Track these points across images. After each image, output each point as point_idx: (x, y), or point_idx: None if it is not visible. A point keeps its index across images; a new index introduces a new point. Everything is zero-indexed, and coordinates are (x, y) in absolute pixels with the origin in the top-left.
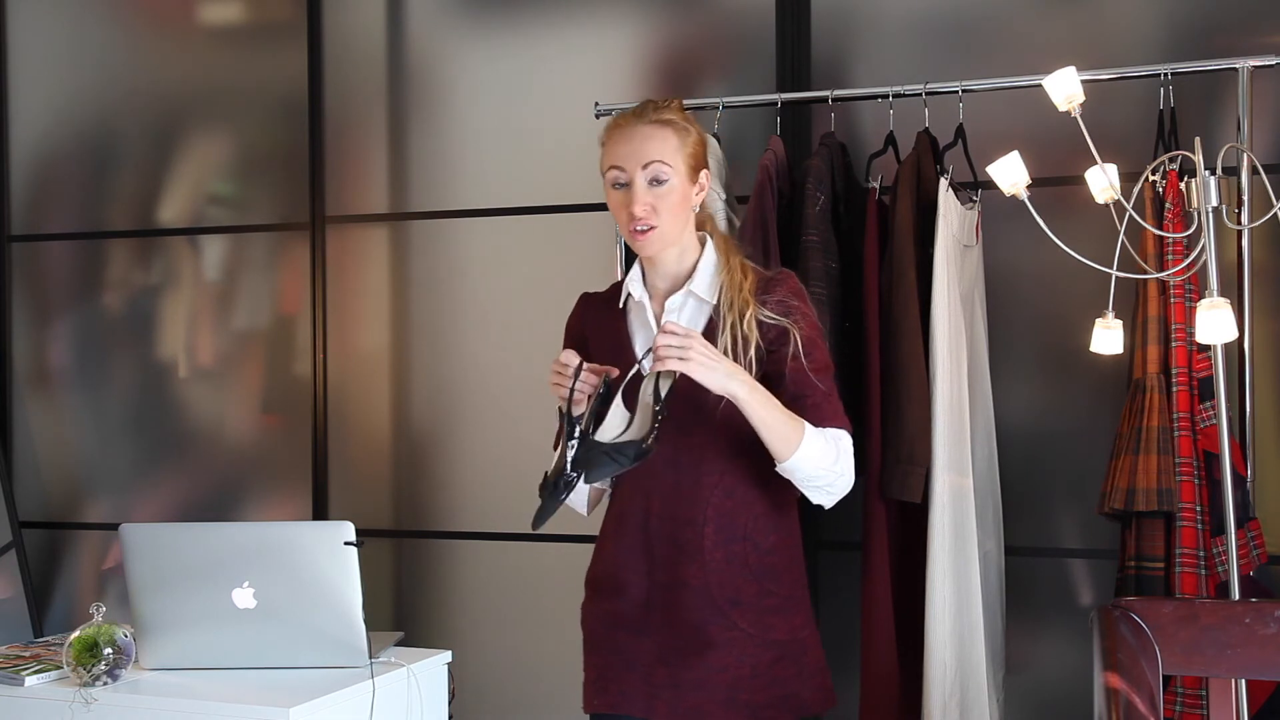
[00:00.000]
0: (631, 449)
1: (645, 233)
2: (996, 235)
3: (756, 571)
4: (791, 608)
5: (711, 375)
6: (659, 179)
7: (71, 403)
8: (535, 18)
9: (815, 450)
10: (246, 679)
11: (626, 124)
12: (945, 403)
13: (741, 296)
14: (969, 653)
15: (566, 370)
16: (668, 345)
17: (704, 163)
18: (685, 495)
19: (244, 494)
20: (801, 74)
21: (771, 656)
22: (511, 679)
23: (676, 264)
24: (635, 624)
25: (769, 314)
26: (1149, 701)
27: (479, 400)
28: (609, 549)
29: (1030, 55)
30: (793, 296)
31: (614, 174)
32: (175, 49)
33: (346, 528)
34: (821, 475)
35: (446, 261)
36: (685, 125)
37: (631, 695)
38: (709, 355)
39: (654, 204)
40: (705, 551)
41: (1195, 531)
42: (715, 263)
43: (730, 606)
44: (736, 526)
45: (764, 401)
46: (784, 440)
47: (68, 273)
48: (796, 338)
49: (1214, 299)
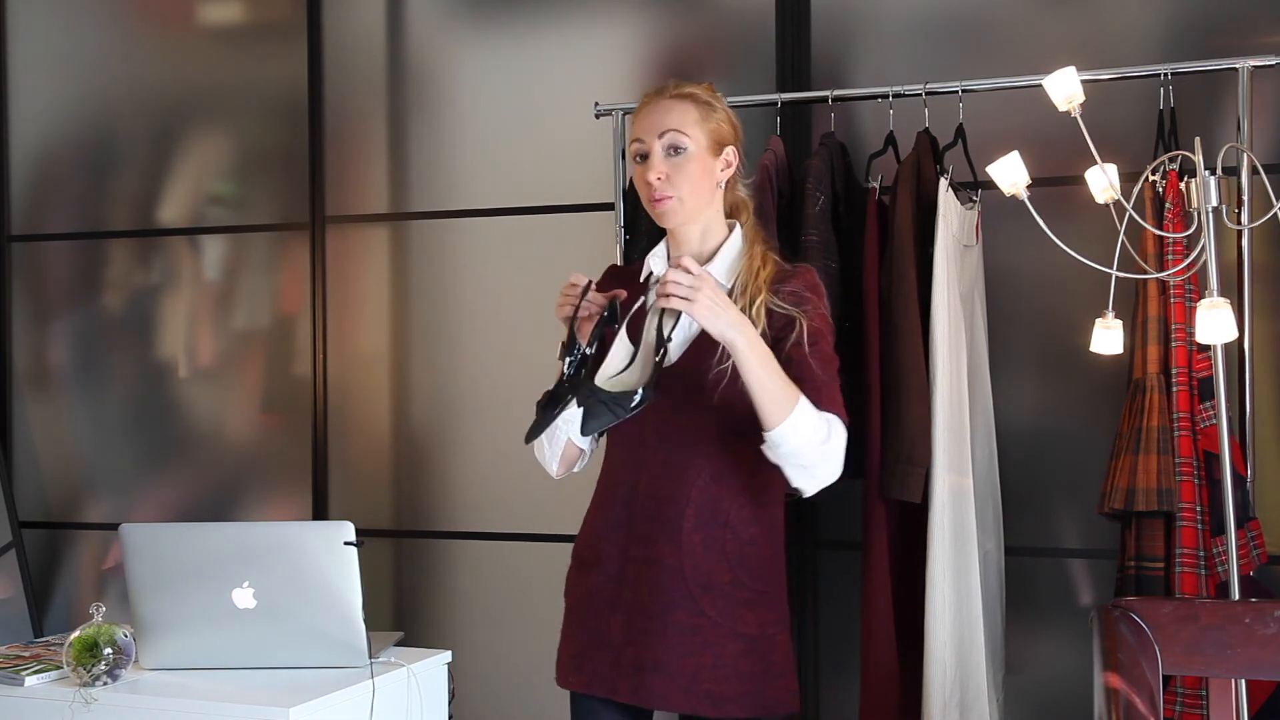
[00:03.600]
0: (629, 400)
1: (662, 201)
2: (996, 235)
3: (733, 560)
4: (764, 603)
5: (714, 320)
6: (676, 147)
7: (71, 403)
8: (535, 18)
9: (807, 424)
10: (246, 679)
11: (650, 99)
12: (945, 403)
13: (756, 283)
14: (969, 653)
15: (574, 291)
16: (676, 282)
17: (731, 141)
18: (673, 474)
19: (244, 494)
20: (801, 74)
21: (737, 649)
22: (511, 679)
23: (699, 243)
24: (609, 599)
25: (780, 303)
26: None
27: (479, 400)
28: (593, 518)
29: (1030, 55)
30: (807, 290)
31: (635, 146)
32: (175, 49)
33: (346, 528)
34: (807, 453)
35: (446, 261)
36: (709, 101)
37: (601, 675)
38: (716, 300)
39: (669, 173)
40: (684, 532)
41: (1195, 531)
42: (739, 249)
43: (700, 591)
44: (719, 512)
45: (763, 358)
46: (776, 403)
47: (68, 273)
48: (803, 326)
49: (1214, 299)
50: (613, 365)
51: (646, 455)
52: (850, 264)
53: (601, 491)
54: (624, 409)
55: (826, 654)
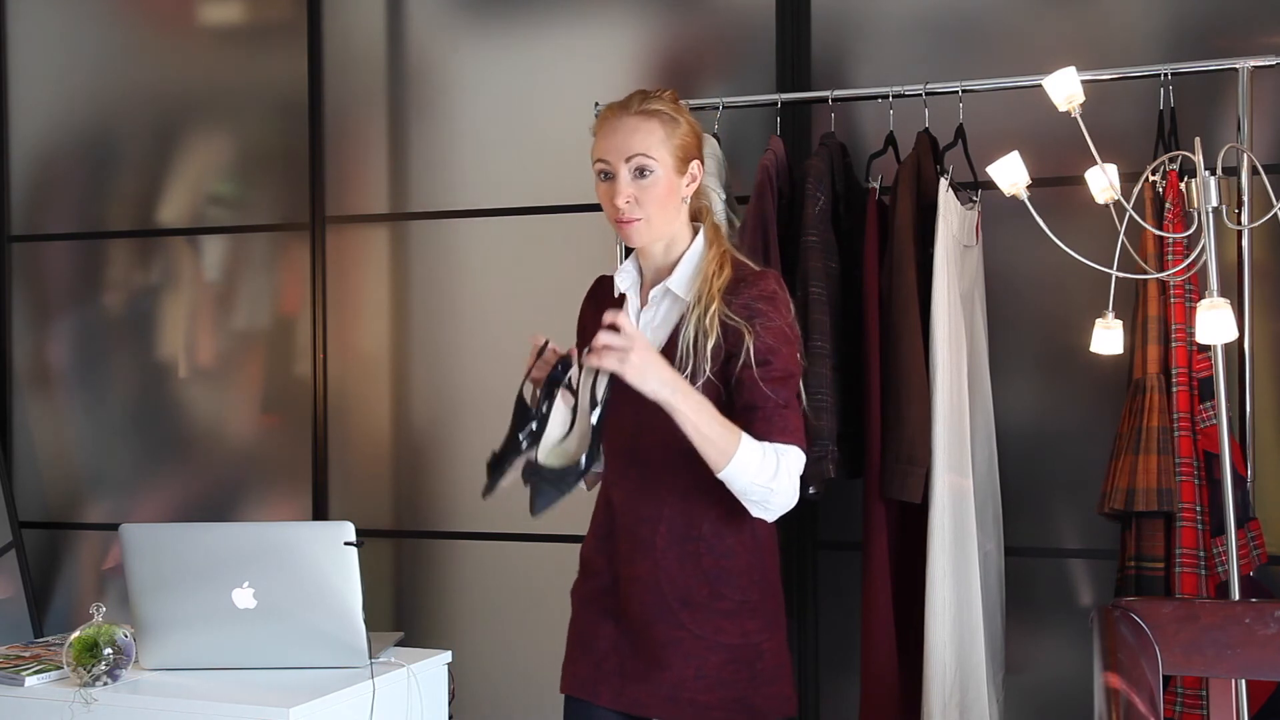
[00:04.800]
0: (573, 474)
1: (629, 223)
2: (996, 235)
3: (710, 573)
4: (745, 612)
5: (645, 382)
6: (643, 170)
7: (71, 403)
8: (535, 18)
9: (751, 463)
10: (246, 679)
11: (613, 115)
12: (945, 403)
13: (709, 292)
14: (969, 653)
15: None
16: (607, 346)
17: (695, 154)
18: (647, 491)
19: (244, 494)
20: (801, 74)
21: (720, 659)
22: (511, 679)
23: (664, 256)
24: (602, 606)
25: (730, 314)
26: (1149, 701)
27: (479, 400)
28: (590, 530)
29: (1030, 55)
30: (761, 300)
31: (599, 166)
32: (175, 49)
33: (346, 528)
34: (756, 490)
35: (446, 261)
36: (673, 115)
37: (586, 680)
38: (647, 360)
39: (637, 195)
40: (658, 550)
41: (1195, 531)
42: (699, 256)
43: (680, 606)
44: (691, 526)
45: (696, 409)
46: (718, 451)
47: (68, 273)
48: (749, 344)
49: (1214, 299)
50: (553, 435)
51: (621, 473)
52: (850, 264)
53: (595, 507)
54: (568, 485)
55: (826, 654)
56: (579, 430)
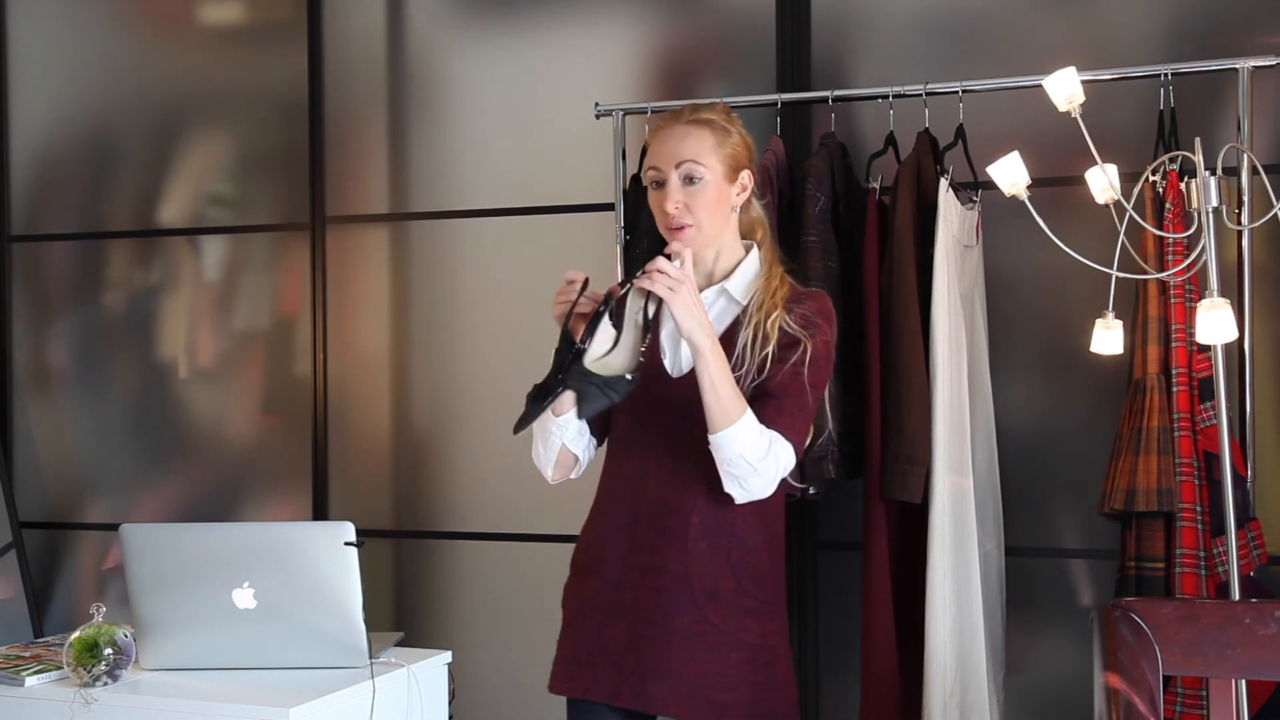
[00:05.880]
0: (623, 384)
1: (680, 230)
2: (996, 235)
3: (738, 568)
4: (767, 612)
5: (687, 317)
6: (692, 177)
7: (71, 403)
8: (535, 18)
9: (747, 437)
10: (246, 679)
11: (665, 125)
12: (945, 403)
13: (772, 300)
14: (969, 653)
15: (571, 288)
16: (662, 271)
17: (746, 164)
18: (681, 481)
19: (244, 494)
20: (801, 74)
21: (740, 658)
22: (511, 679)
23: (713, 263)
24: (607, 606)
25: (791, 322)
26: (1149, 701)
27: (479, 400)
28: (594, 525)
29: (1030, 55)
30: (819, 315)
31: (651, 173)
32: (175, 49)
33: (346, 528)
34: (742, 464)
35: (446, 261)
36: (725, 125)
37: (601, 681)
38: (693, 300)
39: (687, 202)
40: (690, 540)
41: (1195, 532)
42: (756, 269)
43: (706, 599)
44: (724, 520)
45: (719, 364)
46: (723, 411)
47: (68, 273)
48: (807, 348)
49: (1214, 299)
50: (598, 348)
51: (653, 463)
52: (850, 264)
53: (603, 499)
54: (617, 392)
55: (826, 655)
56: (624, 346)
